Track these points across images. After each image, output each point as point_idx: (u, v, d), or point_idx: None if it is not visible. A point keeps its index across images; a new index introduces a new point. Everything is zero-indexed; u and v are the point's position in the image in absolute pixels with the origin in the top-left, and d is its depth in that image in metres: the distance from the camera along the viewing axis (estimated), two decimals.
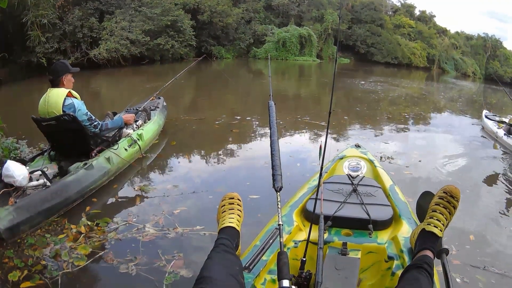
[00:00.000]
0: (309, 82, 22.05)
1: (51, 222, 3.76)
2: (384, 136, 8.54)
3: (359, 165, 3.51)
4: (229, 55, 30.10)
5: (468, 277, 3.27)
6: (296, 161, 6.33)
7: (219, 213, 2.39)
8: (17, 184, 3.82)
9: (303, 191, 3.19)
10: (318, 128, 8.70)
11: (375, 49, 41.35)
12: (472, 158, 7.37)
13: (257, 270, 2.17)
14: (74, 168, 4.31)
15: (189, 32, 24.24)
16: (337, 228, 2.65)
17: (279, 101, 3.18)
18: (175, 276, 3.06)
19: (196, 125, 8.34)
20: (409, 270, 1.94)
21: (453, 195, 2.19)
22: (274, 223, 2.63)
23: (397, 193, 3.11)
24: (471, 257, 3.61)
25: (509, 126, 8.57)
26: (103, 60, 18.69)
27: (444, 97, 19.18)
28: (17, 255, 3.20)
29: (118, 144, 5.13)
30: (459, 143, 8.47)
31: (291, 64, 30.74)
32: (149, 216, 4.07)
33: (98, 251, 3.36)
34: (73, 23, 17.81)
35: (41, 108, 4.31)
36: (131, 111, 6.30)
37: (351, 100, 14.39)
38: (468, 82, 37.34)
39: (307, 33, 33.79)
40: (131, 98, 7.70)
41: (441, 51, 45.13)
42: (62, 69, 4.36)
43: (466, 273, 3.33)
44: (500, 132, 8.63)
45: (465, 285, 3.18)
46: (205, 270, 1.76)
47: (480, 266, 3.45)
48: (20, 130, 6.16)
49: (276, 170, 1.85)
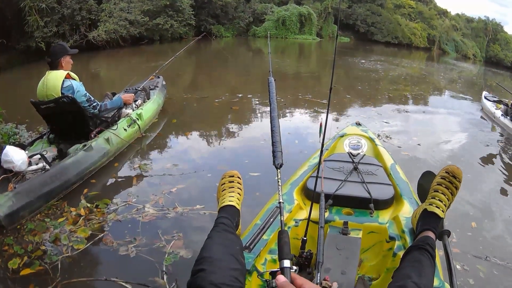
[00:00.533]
0: (309, 60, 21.95)
1: (51, 206, 3.75)
2: (384, 115, 8.48)
3: (359, 143, 3.48)
4: (228, 33, 29.85)
5: (469, 265, 3.24)
6: (295, 138, 6.32)
7: (219, 191, 2.36)
8: (16, 169, 3.79)
9: (304, 169, 3.17)
10: (318, 106, 8.67)
11: (375, 29, 41.13)
12: (470, 139, 7.39)
13: (257, 249, 2.16)
14: (73, 150, 4.29)
15: (188, 11, 23.98)
16: (338, 207, 2.63)
17: (279, 79, 3.15)
18: (175, 256, 3.06)
19: (196, 104, 8.31)
20: (411, 251, 1.92)
21: (455, 175, 2.16)
22: (274, 202, 2.61)
23: (398, 172, 3.09)
24: (473, 245, 3.57)
25: (507, 107, 8.64)
26: (102, 42, 18.52)
27: (445, 78, 19.09)
28: (17, 242, 3.19)
29: (118, 124, 5.10)
30: (459, 124, 8.48)
31: (291, 43, 30.53)
32: (149, 196, 4.07)
33: (97, 234, 3.36)
34: (71, 6, 17.58)
35: (39, 91, 4.26)
36: (130, 90, 6.27)
37: (351, 78, 14.29)
38: (468, 64, 37.17)
39: (307, 12, 33.52)
40: (131, 78, 7.65)
41: (441, 32, 44.86)
42: (61, 51, 4.31)
43: (467, 260, 3.30)
44: (498, 113, 8.79)
45: (466, 272, 3.15)
46: (205, 251, 1.75)
47: (482, 256, 3.40)
48: (20, 115, 6.11)
49: (277, 146, 1.82)
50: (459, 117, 9.20)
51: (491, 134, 8.08)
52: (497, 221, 4.14)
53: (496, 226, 4.02)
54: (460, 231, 3.79)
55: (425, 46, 43.13)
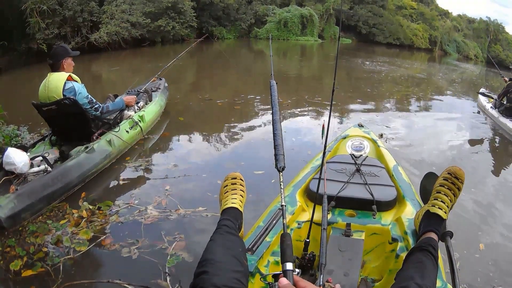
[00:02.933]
0: (311, 62, 21.93)
1: (53, 208, 3.75)
2: (386, 116, 8.48)
3: (362, 144, 3.49)
4: (230, 35, 29.91)
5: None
6: (297, 140, 6.32)
7: (222, 193, 2.36)
8: (18, 171, 3.79)
9: (306, 170, 3.17)
10: (321, 107, 8.66)
11: (377, 30, 41.11)
12: (472, 140, 7.41)
13: (260, 251, 2.16)
14: (75, 152, 4.29)
15: (190, 13, 24.01)
16: (340, 208, 2.63)
17: (281, 81, 3.14)
18: (177, 258, 3.06)
19: (198, 105, 8.33)
20: (413, 252, 1.91)
21: (457, 176, 2.16)
22: (277, 204, 2.61)
23: (400, 174, 3.09)
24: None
25: (495, 101, 9.24)
26: (104, 44, 18.55)
27: (446, 78, 19.05)
28: (18, 244, 3.18)
29: (120, 126, 5.10)
30: (460, 125, 8.42)
31: (293, 44, 30.53)
32: (151, 198, 4.06)
33: (99, 235, 3.35)
34: (73, 8, 17.58)
35: (41, 93, 4.27)
36: (132, 92, 6.28)
37: (353, 80, 14.28)
38: (470, 64, 37.11)
39: (308, 13, 33.52)
40: (132, 80, 7.66)
41: (443, 33, 44.86)
42: (62, 53, 4.31)
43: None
44: (488, 106, 9.53)
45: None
46: (207, 253, 1.74)
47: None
48: (21, 117, 6.12)
49: (279, 149, 1.81)
50: (461, 118, 9.16)
51: (490, 133, 8.09)
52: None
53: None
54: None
55: (427, 47, 43.06)
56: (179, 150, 5.80)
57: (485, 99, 10.04)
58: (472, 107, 10.72)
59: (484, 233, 3.81)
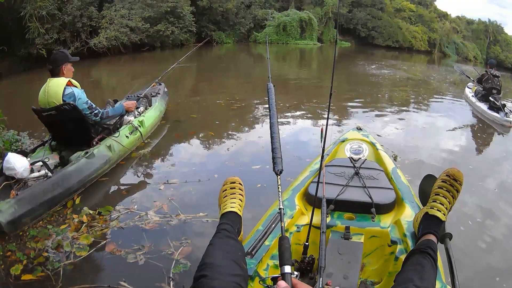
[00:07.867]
0: (310, 65, 21.93)
1: (53, 213, 3.76)
2: (384, 119, 8.47)
3: (361, 148, 3.50)
4: (229, 40, 29.96)
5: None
6: (297, 144, 6.31)
7: (221, 198, 2.37)
8: (18, 176, 3.80)
9: (305, 174, 3.18)
10: (319, 110, 8.67)
11: (376, 33, 41.09)
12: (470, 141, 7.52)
13: (259, 255, 2.17)
14: (75, 157, 4.30)
15: (189, 18, 24.05)
16: (339, 212, 2.63)
17: (280, 85, 3.15)
18: (185, 266, 3.04)
19: (198, 110, 8.34)
20: (412, 254, 1.92)
21: (456, 178, 2.17)
22: (276, 207, 2.61)
23: (399, 176, 3.09)
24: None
25: (476, 88, 10.57)
26: (103, 49, 18.62)
27: (445, 80, 19.01)
28: (19, 248, 3.19)
29: (119, 131, 5.10)
30: (459, 127, 8.42)
31: (292, 48, 30.55)
32: (151, 203, 4.06)
33: (100, 241, 3.36)
34: (72, 13, 17.66)
35: (41, 98, 4.27)
36: (132, 98, 6.28)
37: (352, 83, 14.25)
38: (469, 66, 37.07)
39: (307, 17, 33.56)
40: (132, 85, 7.67)
41: (442, 35, 44.80)
42: (62, 58, 4.32)
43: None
44: (469, 94, 10.92)
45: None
46: (207, 257, 1.75)
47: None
48: (21, 122, 6.14)
49: (276, 153, 1.82)
50: (459, 119, 9.17)
51: (489, 137, 8.08)
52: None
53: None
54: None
55: (426, 49, 43.01)
56: (178, 155, 5.81)
57: (469, 91, 11.30)
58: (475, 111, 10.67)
59: (484, 234, 3.81)
